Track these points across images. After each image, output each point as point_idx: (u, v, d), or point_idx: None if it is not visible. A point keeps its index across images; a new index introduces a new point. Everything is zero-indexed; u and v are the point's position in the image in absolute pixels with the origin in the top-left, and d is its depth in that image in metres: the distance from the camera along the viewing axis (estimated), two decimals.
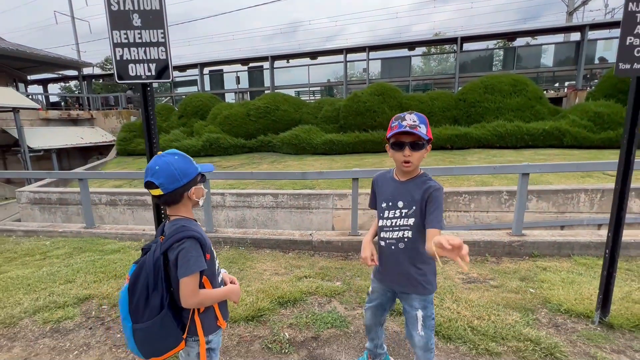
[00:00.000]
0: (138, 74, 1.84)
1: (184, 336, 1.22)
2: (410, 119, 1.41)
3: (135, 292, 1.15)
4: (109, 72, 30.93)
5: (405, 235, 1.49)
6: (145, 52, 1.81)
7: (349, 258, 3.68)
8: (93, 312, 2.48)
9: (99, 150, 17.82)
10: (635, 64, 1.83)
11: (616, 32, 13.61)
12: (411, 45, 17.21)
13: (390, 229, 1.51)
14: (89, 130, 17.85)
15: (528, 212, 6.33)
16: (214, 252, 1.32)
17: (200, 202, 1.31)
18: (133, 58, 1.81)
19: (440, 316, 2.27)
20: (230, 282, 1.39)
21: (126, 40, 1.79)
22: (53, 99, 22.77)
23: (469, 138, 11.14)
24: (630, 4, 1.78)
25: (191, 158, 1.28)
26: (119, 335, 2.21)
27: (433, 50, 24.79)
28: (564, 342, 2.01)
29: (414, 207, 1.45)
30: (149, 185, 1.18)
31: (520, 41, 17.48)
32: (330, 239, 3.93)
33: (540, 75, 15.77)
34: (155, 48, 1.81)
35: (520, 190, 3.75)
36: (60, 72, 22.18)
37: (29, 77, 21.51)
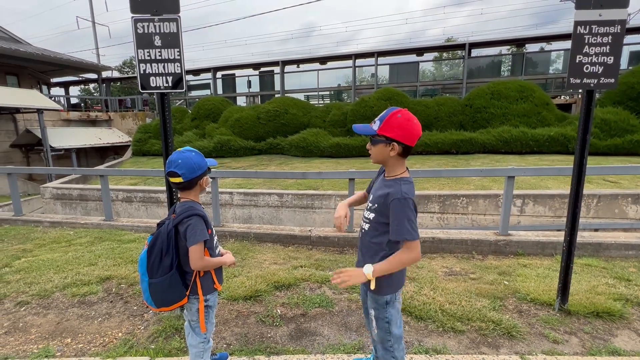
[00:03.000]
0: (157, 85, 2.20)
1: (187, 293, 1.56)
2: (379, 115, 1.45)
3: (152, 255, 1.49)
4: (126, 75, 32.11)
5: (367, 228, 1.52)
6: (164, 67, 2.17)
7: (344, 252, 3.97)
8: (113, 289, 2.84)
9: (116, 151, 18.62)
10: (585, 78, 2.09)
11: (628, 38, 13.55)
12: (419, 51, 17.44)
13: (363, 216, 1.56)
14: (107, 131, 18.67)
15: (525, 216, 6.50)
16: (214, 230, 1.66)
17: (207, 189, 1.65)
18: (154, 72, 2.17)
19: (417, 301, 2.55)
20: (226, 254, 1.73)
21: (149, 57, 2.16)
22: (73, 100, 23.85)
23: (474, 143, 11.29)
24: (579, 27, 2.04)
25: (202, 154, 1.62)
26: (135, 308, 2.57)
27: (443, 55, 24.91)
28: (523, 324, 2.26)
29: (376, 204, 1.45)
30: (171, 174, 1.53)
31: (534, 47, 17.47)
32: (328, 235, 4.23)
33: (550, 82, 15.74)
34: (172, 64, 2.17)
35: (506, 192, 3.98)
36: (81, 75, 23.23)
37: (52, 80, 22.59)
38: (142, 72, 2.17)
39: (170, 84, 2.21)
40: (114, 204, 8.15)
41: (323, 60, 18.46)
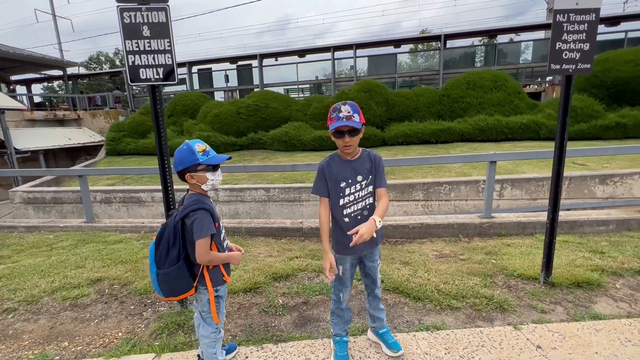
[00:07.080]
0: (148, 77, 2.13)
1: (195, 284, 1.56)
2: (345, 110, 1.61)
3: (160, 246, 1.48)
4: (93, 71, 30.50)
5: (367, 203, 1.74)
6: (154, 58, 2.10)
7: None
8: (106, 291, 2.76)
9: (87, 151, 17.73)
10: (564, 64, 2.22)
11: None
12: (397, 43, 17.63)
13: (355, 202, 1.72)
14: (77, 131, 17.74)
15: (504, 200, 6.81)
16: (221, 224, 1.65)
17: (204, 187, 1.60)
18: (143, 64, 2.10)
19: (413, 283, 2.64)
20: (237, 250, 1.73)
21: (137, 49, 2.08)
22: (37, 99, 22.44)
23: (453, 132, 11.62)
24: (558, 15, 2.16)
25: (196, 151, 1.54)
26: (132, 307, 2.51)
27: (419, 47, 25.36)
28: (512, 298, 2.41)
29: (370, 177, 1.73)
30: None
31: (505, 38, 18.06)
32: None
33: (521, 71, 16.39)
34: (163, 55, 2.10)
35: (489, 177, 4.16)
36: (44, 72, 21.85)
37: (11, 78, 21.12)
38: (130, 63, 2.09)
39: (161, 76, 2.14)
40: (92, 206, 7.82)
41: (302, 53, 18.29)
